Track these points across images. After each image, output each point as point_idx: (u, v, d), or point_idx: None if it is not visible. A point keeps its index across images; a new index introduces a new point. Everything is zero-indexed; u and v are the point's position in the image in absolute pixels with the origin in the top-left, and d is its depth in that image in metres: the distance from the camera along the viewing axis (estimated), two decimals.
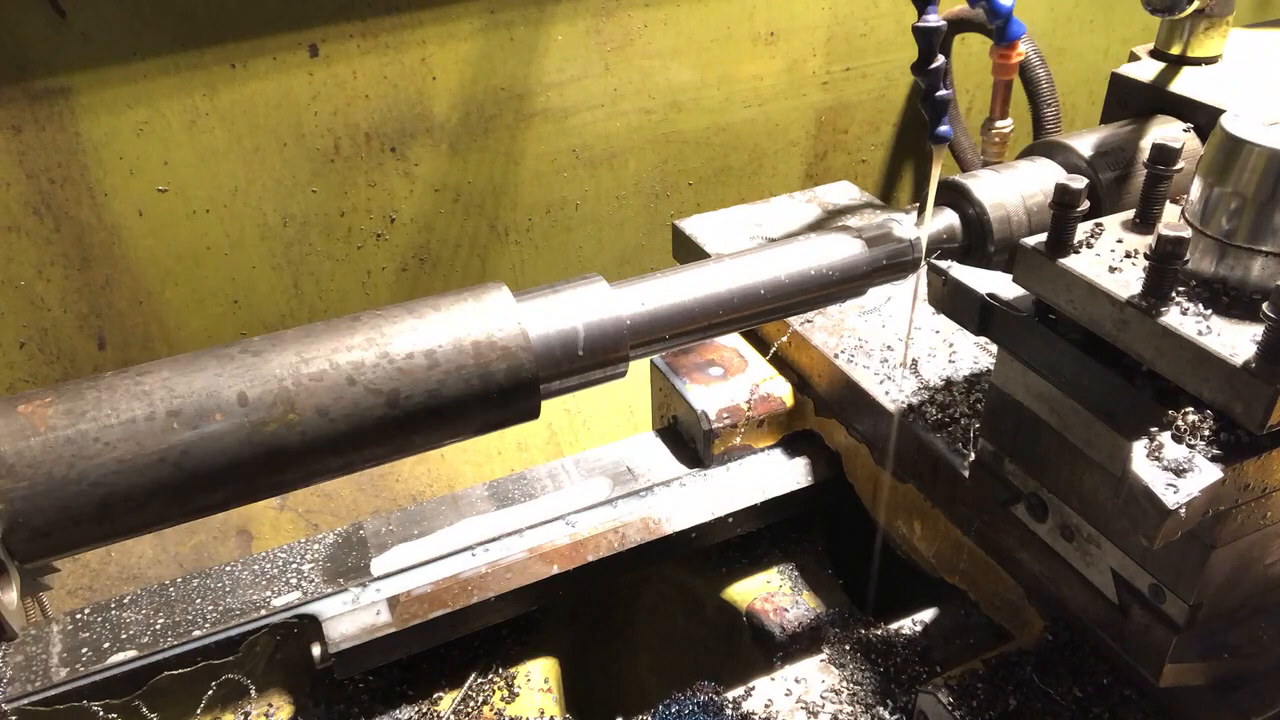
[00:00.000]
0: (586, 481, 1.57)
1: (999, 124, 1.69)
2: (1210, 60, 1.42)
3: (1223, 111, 0.98)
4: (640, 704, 1.31)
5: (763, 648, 1.51)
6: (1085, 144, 1.33)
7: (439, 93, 2.46)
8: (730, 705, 1.27)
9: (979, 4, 1.40)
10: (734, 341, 1.72)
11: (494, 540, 1.48)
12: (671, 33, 2.65)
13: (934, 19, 1.32)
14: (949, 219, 1.30)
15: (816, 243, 1.25)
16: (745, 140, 2.92)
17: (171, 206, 2.31)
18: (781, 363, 1.66)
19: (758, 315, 1.22)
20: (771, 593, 1.56)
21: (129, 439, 0.87)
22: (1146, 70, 1.44)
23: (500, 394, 1.02)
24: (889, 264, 1.27)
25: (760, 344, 1.71)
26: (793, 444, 1.63)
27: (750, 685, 1.30)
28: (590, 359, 1.08)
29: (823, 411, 1.57)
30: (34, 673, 1.30)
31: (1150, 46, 1.49)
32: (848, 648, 1.36)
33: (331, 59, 2.30)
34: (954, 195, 1.32)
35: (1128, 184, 1.33)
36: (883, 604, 1.56)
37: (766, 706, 1.27)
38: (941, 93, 1.37)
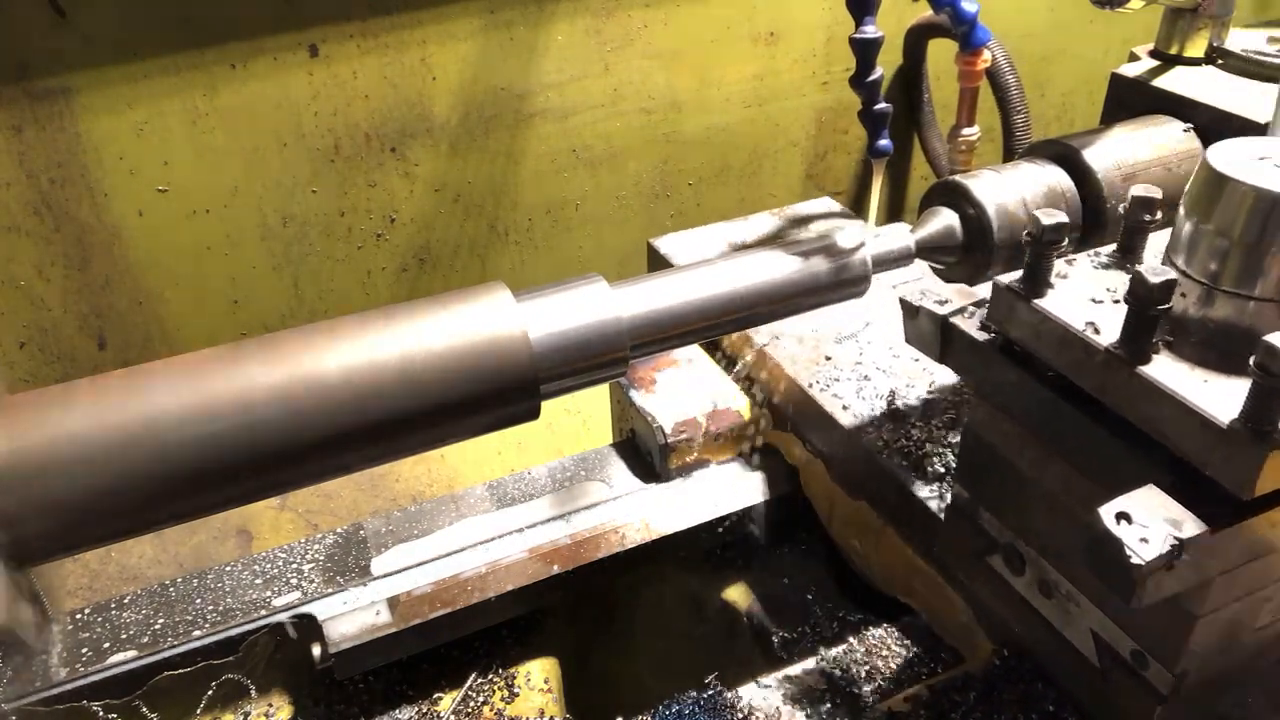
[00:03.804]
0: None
1: (965, 131, 1.66)
2: (1210, 59, 1.43)
3: (1223, 111, 0.96)
4: (640, 704, 1.31)
5: (763, 648, 1.51)
6: (1087, 145, 1.33)
7: (439, 93, 2.46)
8: (730, 705, 1.27)
9: (943, 10, 1.37)
10: (693, 353, 1.70)
11: (494, 540, 1.48)
12: (671, 33, 2.64)
13: (871, 30, 1.30)
14: (948, 219, 1.30)
15: (826, 240, 1.24)
16: (745, 140, 2.92)
17: (171, 206, 2.31)
18: (743, 378, 1.63)
19: (759, 316, 1.22)
20: (771, 593, 1.56)
21: (128, 440, 0.87)
22: (1146, 70, 1.44)
23: (500, 394, 1.02)
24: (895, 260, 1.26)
25: (721, 356, 1.68)
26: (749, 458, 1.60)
27: (750, 685, 1.30)
28: (590, 359, 1.08)
29: (779, 426, 1.55)
30: (34, 673, 1.30)
31: (1150, 46, 1.49)
32: (848, 647, 1.36)
33: (331, 59, 2.30)
34: (953, 195, 1.31)
35: (1131, 185, 1.33)
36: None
37: (766, 706, 1.27)
38: (881, 106, 1.35)
